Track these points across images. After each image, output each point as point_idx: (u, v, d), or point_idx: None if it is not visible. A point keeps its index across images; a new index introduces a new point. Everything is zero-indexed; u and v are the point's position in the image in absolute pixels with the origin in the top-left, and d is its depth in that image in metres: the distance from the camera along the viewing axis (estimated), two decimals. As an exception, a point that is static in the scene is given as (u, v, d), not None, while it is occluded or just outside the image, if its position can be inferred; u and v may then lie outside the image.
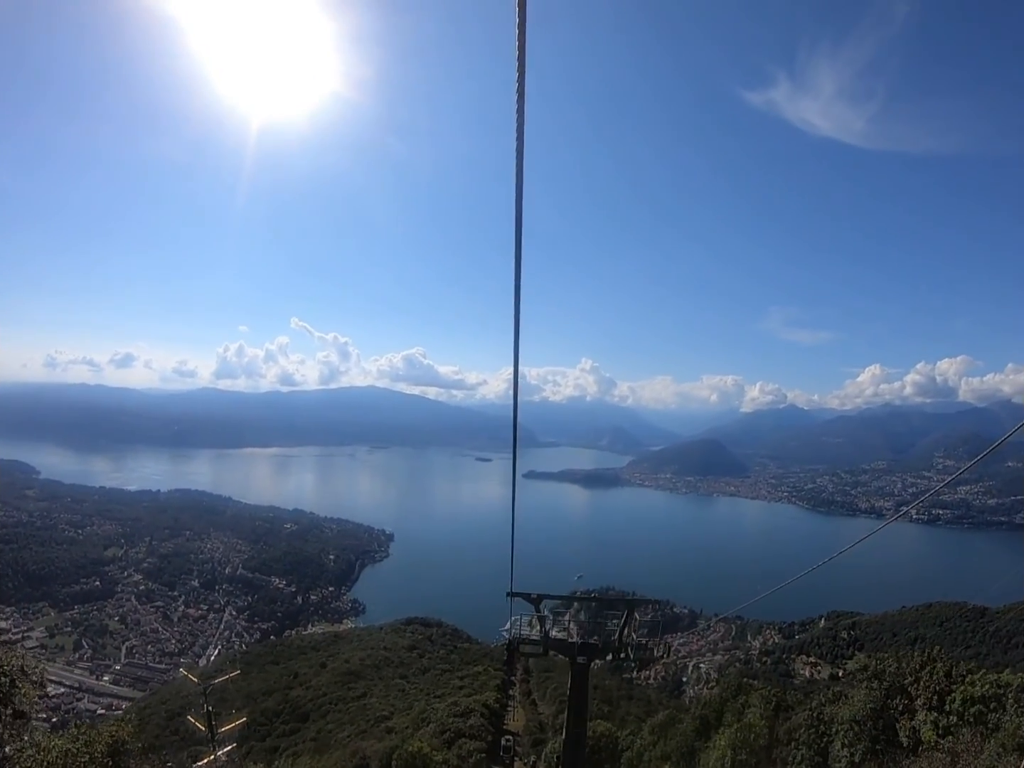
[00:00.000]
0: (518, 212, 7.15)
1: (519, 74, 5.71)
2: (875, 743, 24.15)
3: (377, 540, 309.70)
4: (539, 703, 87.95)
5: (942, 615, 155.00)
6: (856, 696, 26.98)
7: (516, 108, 5.99)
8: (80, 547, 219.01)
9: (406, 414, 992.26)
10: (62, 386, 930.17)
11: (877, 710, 24.86)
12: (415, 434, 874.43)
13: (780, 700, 38.19)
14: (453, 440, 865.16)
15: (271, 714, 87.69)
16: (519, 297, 8.55)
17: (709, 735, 40.09)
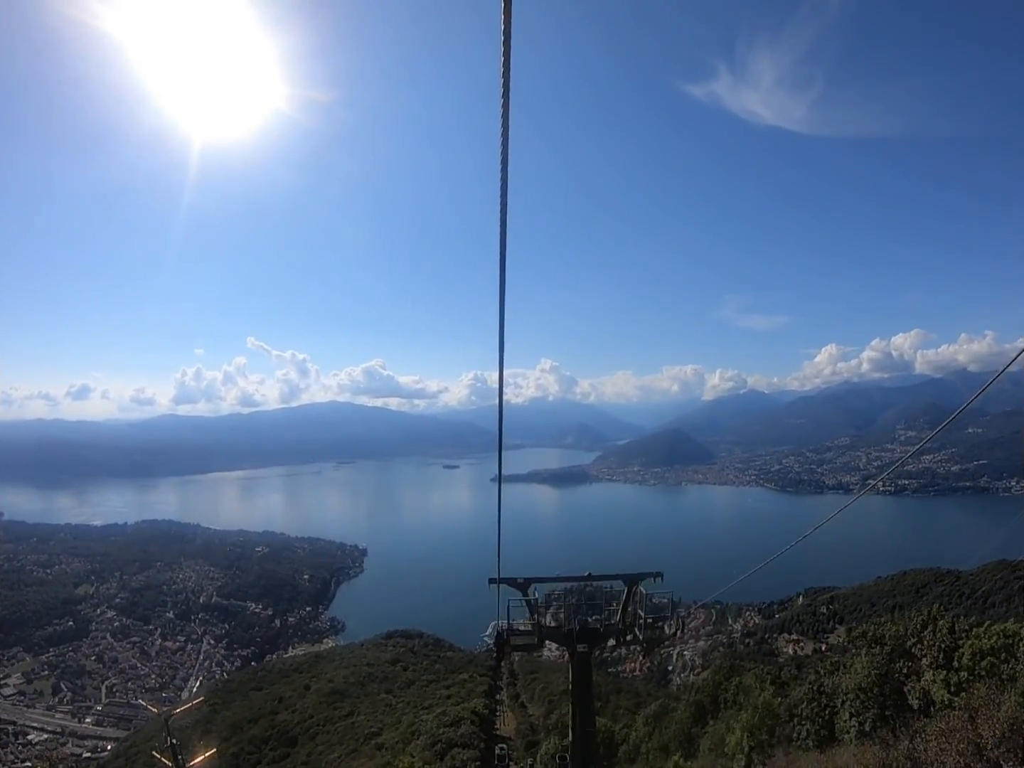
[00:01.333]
0: (502, 215, 7.16)
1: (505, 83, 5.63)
2: (883, 709, 23.77)
3: (351, 556, 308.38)
4: (528, 705, 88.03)
5: (917, 582, 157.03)
6: (857, 664, 26.22)
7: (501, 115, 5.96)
8: (50, 587, 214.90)
9: (370, 427, 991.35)
10: (18, 423, 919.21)
11: (882, 675, 24.37)
12: (380, 446, 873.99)
13: (775, 678, 38.57)
14: (419, 449, 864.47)
15: (259, 741, 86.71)
16: (503, 304, 8.77)
17: (705, 720, 40.15)
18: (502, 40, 5.28)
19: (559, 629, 25.22)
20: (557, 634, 25.07)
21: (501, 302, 8.84)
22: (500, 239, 7.73)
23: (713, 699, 41.38)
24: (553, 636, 25.17)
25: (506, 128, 6.16)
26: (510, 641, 24.76)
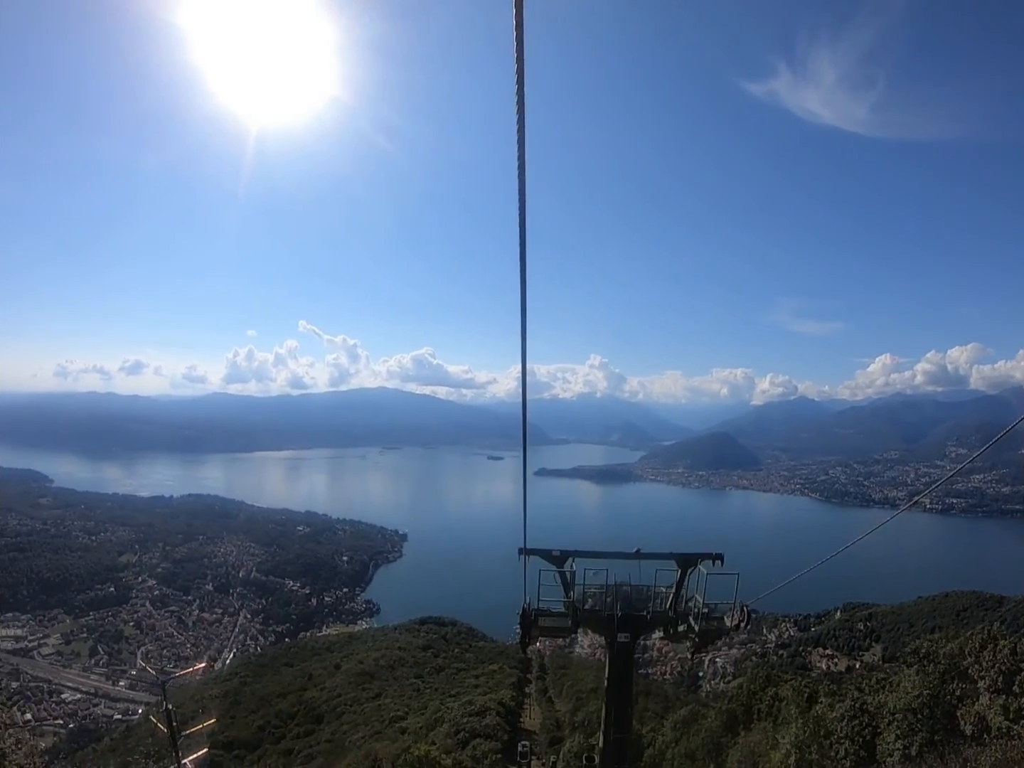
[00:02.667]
0: (521, 211, 7.04)
1: (518, 75, 5.54)
2: (933, 733, 21.30)
3: (390, 541, 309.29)
4: (555, 700, 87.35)
5: (959, 604, 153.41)
6: (906, 682, 23.57)
7: (516, 107, 5.87)
8: (94, 554, 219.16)
9: (417, 414, 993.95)
10: (73, 395, 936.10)
11: (933, 696, 21.84)
12: (426, 434, 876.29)
13: (813, 692, 35.98)
14: (464, 439, 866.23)
15: (285, 716, 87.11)
16: (525, 291, 8.32)
17: (737, 731, 38.51)
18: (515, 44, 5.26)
19: (598, 613, 21.58)
20: (595, 619, 21.56)
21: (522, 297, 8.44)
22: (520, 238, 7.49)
23: (747, 709, 39.41)
24: (590, 621, 21.75)
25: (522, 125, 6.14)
26: (538, 622, 21.32)
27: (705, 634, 21.53)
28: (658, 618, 21.91)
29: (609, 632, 21.06)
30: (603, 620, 21.21)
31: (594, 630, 22.67)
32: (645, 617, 21.63)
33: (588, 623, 21.81)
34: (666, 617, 21.97)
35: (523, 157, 6.47)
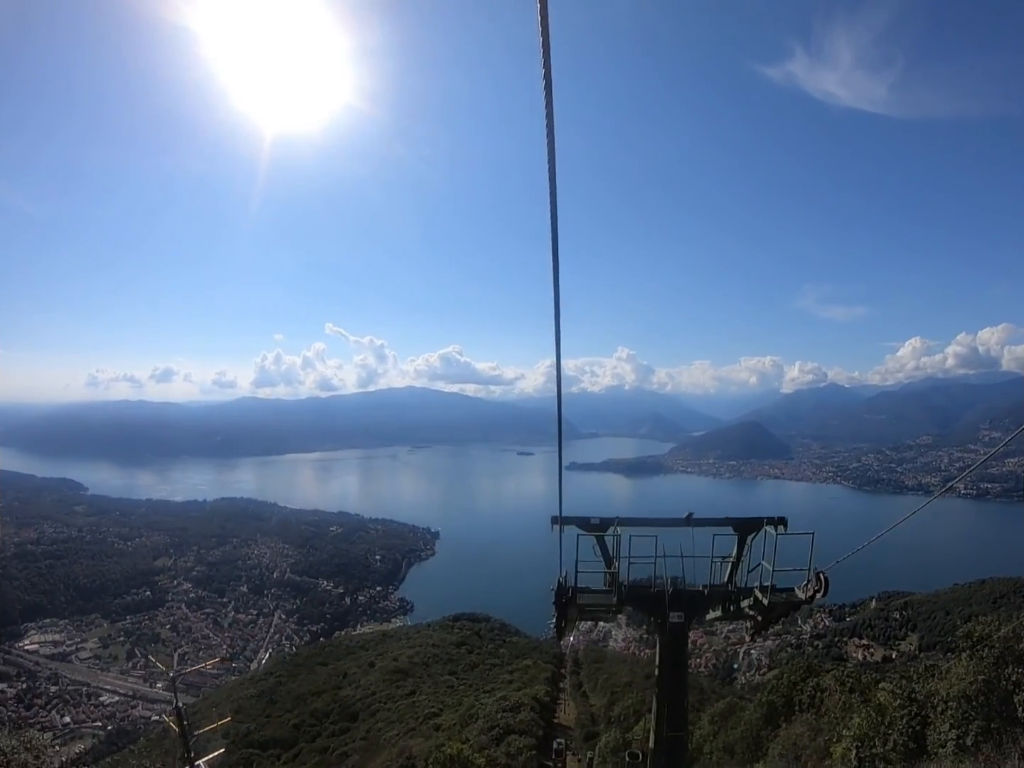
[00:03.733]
0: (552, 205, 7.01)
1: (545, 70, 5.55)
2: (990, 721, 19.30)
3: (423, 539, 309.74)
4: (590, 695, 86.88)
5: (996, 591, 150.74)
6: (959, 668, 21.32)
7: (545, 102, 5.85)
8: (129, 559, 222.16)
9: (445, 412, 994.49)
10: (105, 404, 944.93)
11: (988, 682, 19.73)
12: (455, 432, 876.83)
13: (857, 681, 35.01)
14: (494, 436, 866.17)
15: (320, 715, 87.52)
16: (558, 286, 8.12)
17: (777, 723, 37.60)
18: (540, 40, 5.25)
19: (646, 589, 19.20)
20: (643, 596, 19.07)
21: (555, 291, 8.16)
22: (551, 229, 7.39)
23: (787, 701, 38.26)
24: (638, 599, 19.19)
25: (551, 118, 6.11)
26: (576, 600, 18.68)
27: (773, 608, 19.19)
28: (716, 593, 19.77)
29: (659, 611, 18.77)
30: (652, 597, 18.88)
31: (641, 609, 19.82)
32: (701, 592, 19.47)
33: (634, 601, 19.36)
34: (725, 592, 19.91)
35: (553, 154, 6.48)
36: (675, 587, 19.05)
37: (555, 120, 5.99)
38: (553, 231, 7.32)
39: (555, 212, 6.98)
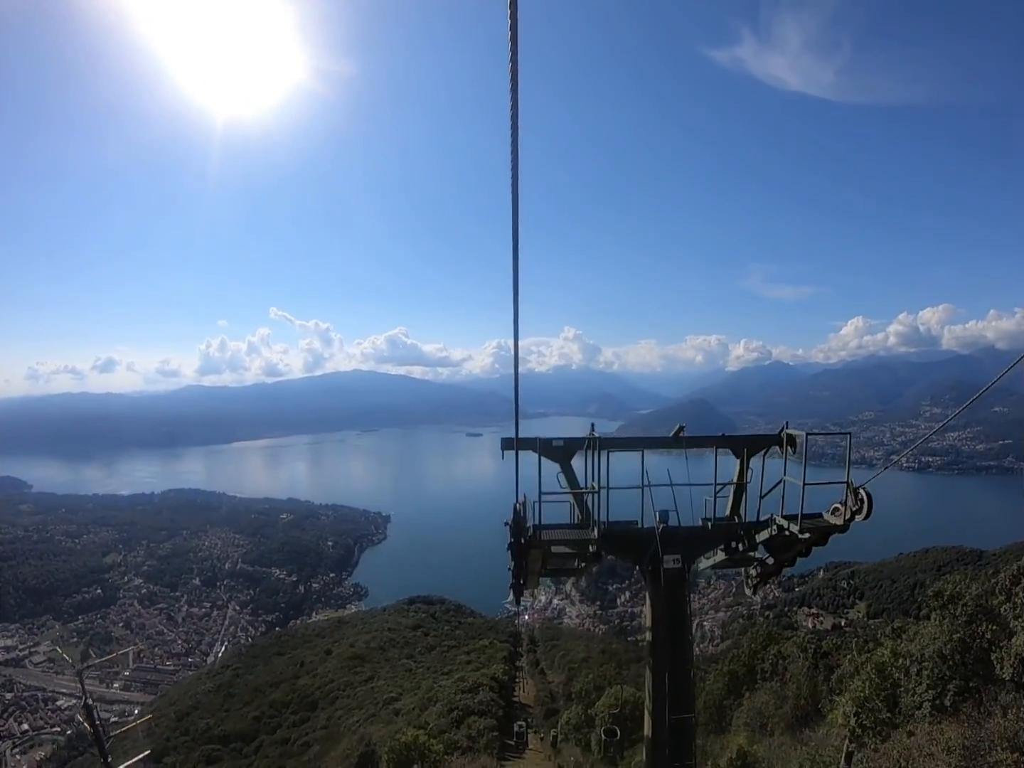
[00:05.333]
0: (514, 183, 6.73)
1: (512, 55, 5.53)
2: (967, 680, 19.03)
3: (374, 523, 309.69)
4: (548, 672, 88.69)
5: (939, 560, 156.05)
6: (931, 628, 20.93)
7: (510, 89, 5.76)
8: (79, 557, 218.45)
9: (393, 395, 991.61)
10: (46, 397, 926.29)
11: (964, 641, 19.25)
12: (404, 415, 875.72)
13: (818, 647, 36.26)
14: (442, 418, 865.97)
15: (280, 705, 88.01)
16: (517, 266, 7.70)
17: (740, 692, 38.58)
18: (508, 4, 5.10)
19: (635, 530, 15.02)
20: (628, 536, 14.93)
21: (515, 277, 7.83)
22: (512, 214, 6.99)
23: (749, 670, 39.58)
24: (621, 540, 14.97)
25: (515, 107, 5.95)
26: (541, 540, 14.00)
27: (792, 543, 15.65)
28: (721, 528, 15.59)
29: (649, 555, 14.50)
30: (639, 537, 14.78)
31: (626, 554, 15.51)
32: (703, 528, 15.44)
33: (618, 543, 15.07)
34: (733, 526, 15.76)
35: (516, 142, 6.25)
36: (664, 522, 14.96)
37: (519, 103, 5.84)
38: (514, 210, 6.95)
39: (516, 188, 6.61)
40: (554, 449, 15.22)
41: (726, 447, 16.61)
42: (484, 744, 44.22)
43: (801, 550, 16.56)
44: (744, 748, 26.58)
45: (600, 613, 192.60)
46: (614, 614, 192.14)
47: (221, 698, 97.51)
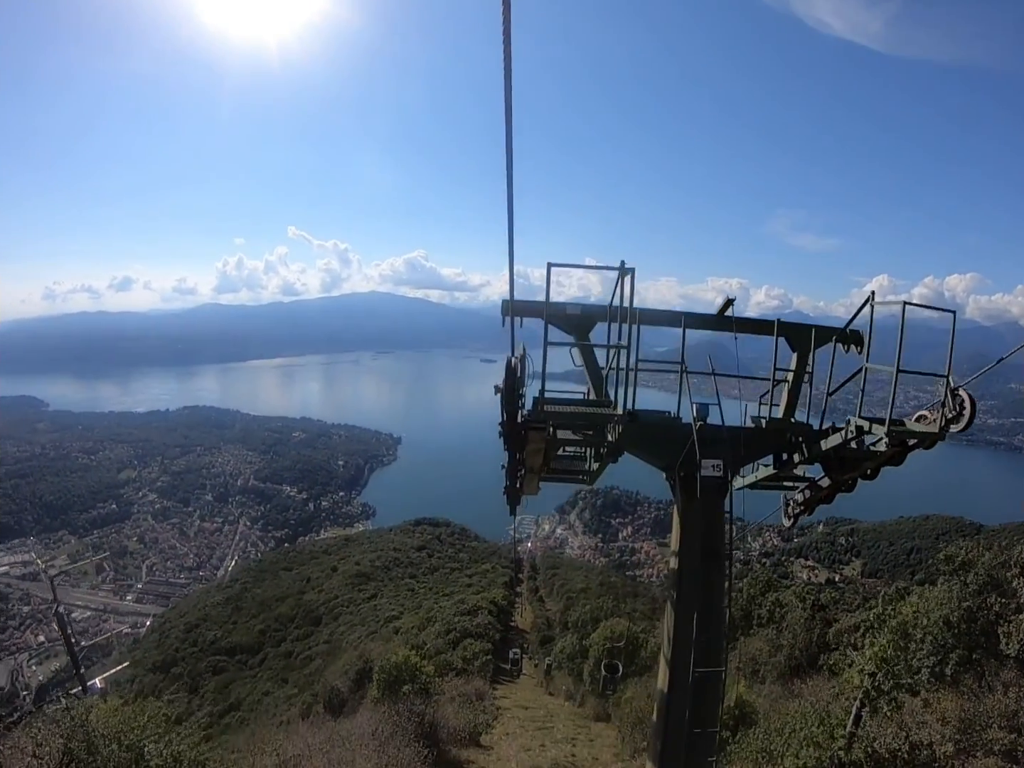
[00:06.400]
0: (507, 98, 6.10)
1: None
2: (971, 651, 17.68)
3: (385, 444, 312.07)
4: (546, 600, 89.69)
5: (939, 528, 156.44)
6: (938, 592, 19.19)
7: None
8: (94, 473, 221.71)
9: (409, 318, 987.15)
10: (63, 316, 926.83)
11: (972, 611, 17.79)
12: (419, 338, 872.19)
13: (816, 600, 35.68)
14: (457, 342, 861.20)
15: (285, 619, 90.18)
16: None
17: (734, 636, 36.85)
18: None
19: (666, 418, 12.80)
20: (660, 430, 12.58)
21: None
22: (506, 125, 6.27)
23: (745, 615, 38.44)
24: (649, 435, 12.52)
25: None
26: (546, 412, 11.29)
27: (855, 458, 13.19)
28: (778, 431, 13.17)
29: (685, 459, 11.71)
30: (676, 433, 12.13)
31: (653, 455, 12.77)
32: (755, 429, 13.03)
33: (645, 437, 12.47)
34: (798, 428, 13.30)
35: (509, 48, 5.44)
36: (702, 421, 12.17)
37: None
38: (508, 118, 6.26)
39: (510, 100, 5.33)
40: (568, 318, 12.35)
41: (783, 335, 13.82)
42: (478, 667, 44.73)
43: (867, 470, 13.75)
44: (743, 696, 23.18)
45: (601, 546, 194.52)
46: (615, 548, 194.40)
47: (229, 611, 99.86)
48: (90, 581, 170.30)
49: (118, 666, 20.41)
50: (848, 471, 13.77)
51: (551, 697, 42.41)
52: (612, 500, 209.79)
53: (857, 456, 13.11)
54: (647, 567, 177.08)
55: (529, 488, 14.40)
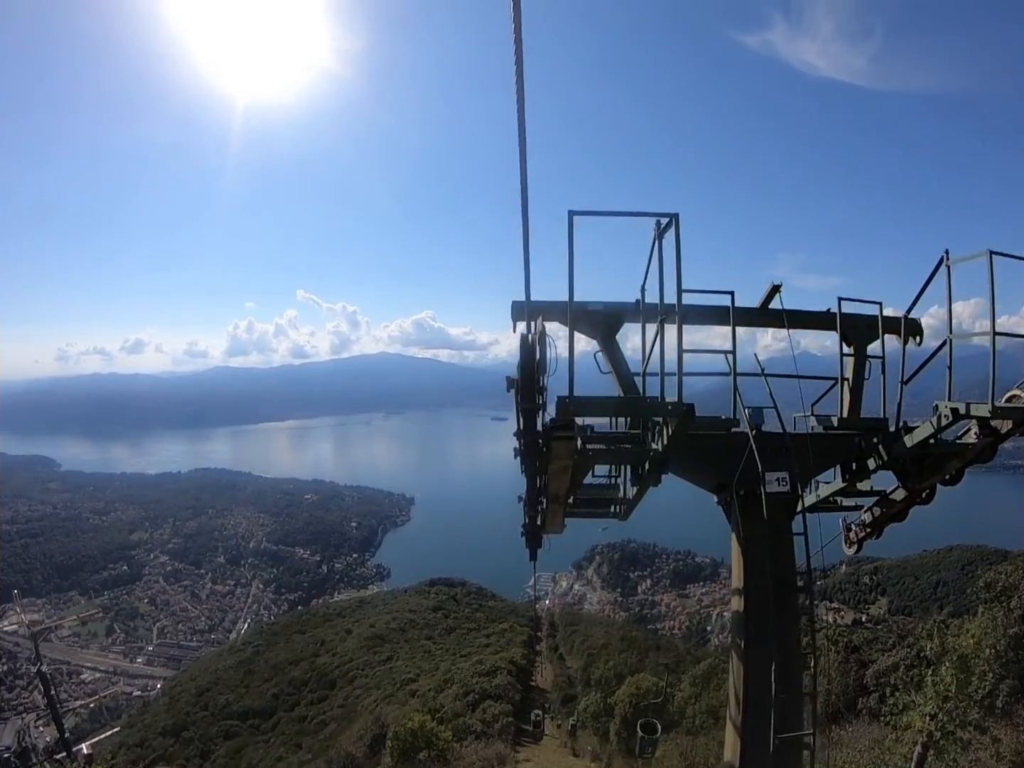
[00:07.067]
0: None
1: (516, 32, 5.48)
2: (1022, 680, 16.85)
3: (398, 505, 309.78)
4: (567, 657, 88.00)
5: (963, 558, 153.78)
6: (982, 621, 18.28)
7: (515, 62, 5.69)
8: (105, 533, 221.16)
9: (419, 378, 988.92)
10: (75, 378, 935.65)
11: (1020, 637, 17.07)
12: (429, 397, 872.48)
13: (848, 641, 34.52)
14: (468, 401, 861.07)
15: (298, 683, 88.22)
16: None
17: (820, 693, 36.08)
18: None
19: (719, 421, 11.55)
20: (712, 438, 11.46)
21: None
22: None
23: None
24: (700, 445, 11.42)
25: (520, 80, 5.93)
26: (576, 405, 9.97)
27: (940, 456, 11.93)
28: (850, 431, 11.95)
29: (743, 473, 10.68)
30: (730, 443, 11.13)
31: (702, 470, 11.75)
32: (823, 434, 11.84)
33: (695, 448, 11.24)
34: (876, 424, 12.03)
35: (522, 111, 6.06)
36: (760, 428, 11.03)
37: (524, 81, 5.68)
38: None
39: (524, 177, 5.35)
40: (590, 316, 10.58)
41: (832, 328, 12.35)
42: (499, 729, 43.33)
43: (949, 473, 12.14)
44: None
45: (620, 600, 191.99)
46: (635, 601, 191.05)
47: (241, 674, 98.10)
48: (100, 643, 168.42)
49: (109, 731, 19.49)
50: (928, 476, 12.30)
51: (576, 759, 40.97)
52: (630, 553, 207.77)
53: (944, 453, 11.69)
54: (668, 619, 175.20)
55: (552, 524, 12.54)
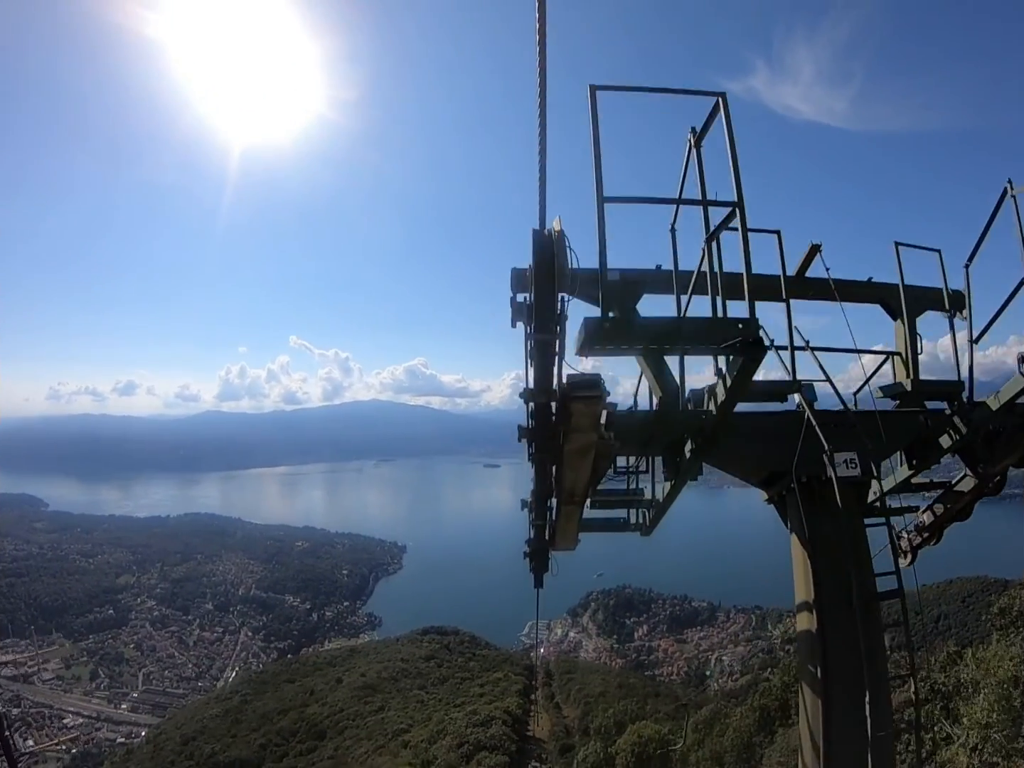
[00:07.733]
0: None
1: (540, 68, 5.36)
2: None
3: (390, 553, 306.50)
4: (563, 706, 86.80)
5: (964, 591, 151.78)
6: (998, 649, 17.43)
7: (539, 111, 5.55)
8: (92, 576, 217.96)
9: (411, 425, 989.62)
10: (65, 418, 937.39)
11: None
12: (421, 445, 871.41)
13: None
14: (460, 448, 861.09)
15: (287, 734, 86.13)
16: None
17: (772, 728, 35.41)
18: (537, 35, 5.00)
19: (784, 384, 10.31)
20: (766, 416, 10.24)
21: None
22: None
23: (782, 704, 35.96)
24: (751, 425, 10.21)
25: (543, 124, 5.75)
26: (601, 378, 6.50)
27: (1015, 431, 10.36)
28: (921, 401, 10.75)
29: (800, 459, 8.91)
30: (785, 422, 9.69)
31: (752, 460, 10.24)
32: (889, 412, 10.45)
33: (747, 428, 9.96)
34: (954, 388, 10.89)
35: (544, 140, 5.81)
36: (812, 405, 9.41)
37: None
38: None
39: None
40: (608, 286, 7.35)
41: (880, 300, 11.03)
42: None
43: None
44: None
45: (617, 647, 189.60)
46: (631, 648, 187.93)
47: (228, 723, 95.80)
48: (83, 687, 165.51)
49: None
50: (1000, 458, 10.39)
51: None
52: (625, 599, 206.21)
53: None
54: (666, 665, 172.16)
55: (565, 535, 10.64)
